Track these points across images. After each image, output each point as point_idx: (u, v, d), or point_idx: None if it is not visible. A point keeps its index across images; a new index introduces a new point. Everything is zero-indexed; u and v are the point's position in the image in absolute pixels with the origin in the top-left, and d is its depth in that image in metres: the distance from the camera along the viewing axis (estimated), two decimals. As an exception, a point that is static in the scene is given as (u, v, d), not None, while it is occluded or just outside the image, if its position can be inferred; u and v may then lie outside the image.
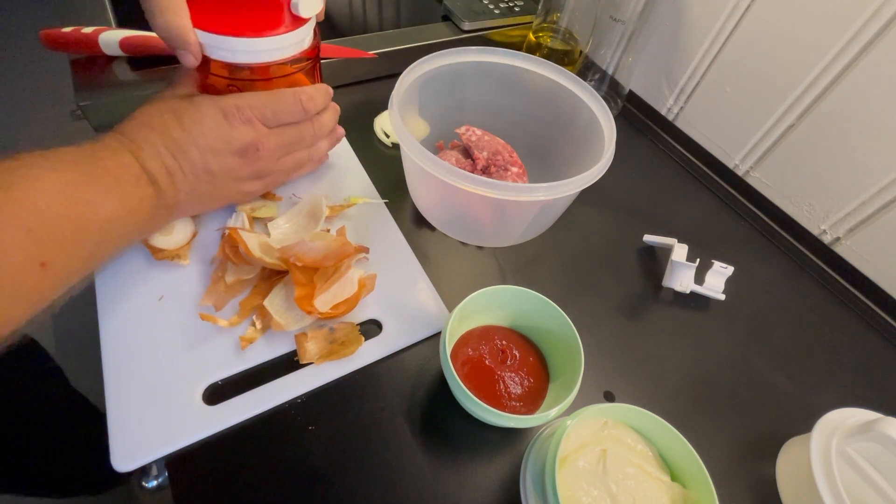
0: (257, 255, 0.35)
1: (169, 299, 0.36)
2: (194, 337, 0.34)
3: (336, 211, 0.42)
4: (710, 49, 0.53)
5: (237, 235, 0.35)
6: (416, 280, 0.40)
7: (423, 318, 0.38)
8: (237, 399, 0.32)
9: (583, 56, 0.62)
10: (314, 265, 0.35)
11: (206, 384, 0.33)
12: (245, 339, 0.34)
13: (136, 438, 0.30)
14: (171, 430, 0.30)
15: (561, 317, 0.33)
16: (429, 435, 0.33)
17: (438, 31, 0.62)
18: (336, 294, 0.36)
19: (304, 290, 0.34)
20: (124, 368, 0.32)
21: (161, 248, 0.36)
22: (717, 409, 0.38)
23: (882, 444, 0.29)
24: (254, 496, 0.29)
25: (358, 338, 0.35)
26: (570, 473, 0.27)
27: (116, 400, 0.31)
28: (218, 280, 0.36)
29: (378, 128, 0.52)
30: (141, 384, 0.32)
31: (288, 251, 0.34)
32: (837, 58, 0.44)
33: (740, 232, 0.52)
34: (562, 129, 0.45)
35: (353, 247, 0.36)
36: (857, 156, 0.45)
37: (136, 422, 0.30)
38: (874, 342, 0.45)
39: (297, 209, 0.42)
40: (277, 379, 0.33)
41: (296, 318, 0.35)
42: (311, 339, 0.35)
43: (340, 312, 0.36)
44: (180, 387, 0.32)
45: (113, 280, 0.36)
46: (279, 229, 0.40)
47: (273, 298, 0.35)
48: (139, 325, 0.34)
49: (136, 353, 0.33)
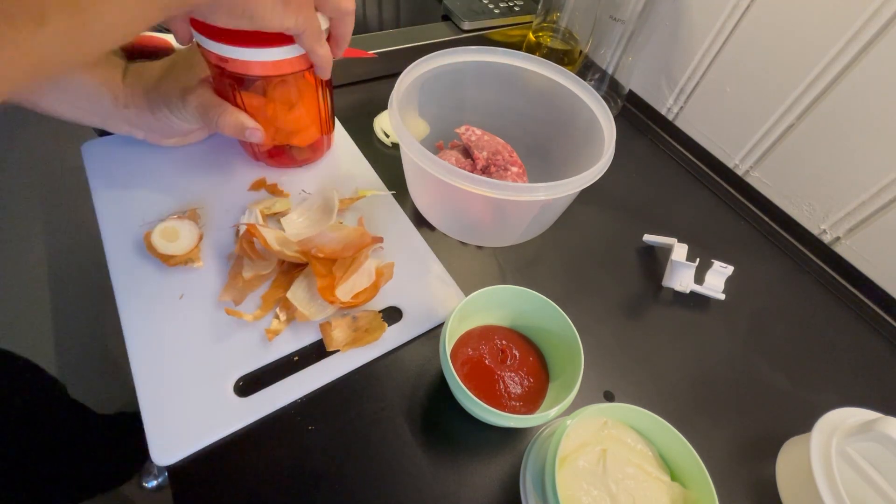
0: (276, 248, 0.36)
1: (189, 298, 0.36)
2: (220, 332, 0.35)
3: (346, 204, 0.43)
4: (709, 49, 0.53)
5: (256, 231, 0.35)
6: (430, 266, 0.42)
7: (441, 302, 0.39)
8: (269, 389, 0.33)
9: (583, 56, 0.62)
10: (333, 256, 0.36)
11: (237, 377, 0.33)
12: (271, 332, 0.35)
13: (173, 433, 0.30)
14: (207, 422, 0.31)
15: (561, 317, 0.33)
16: (429, 435, 0.33)
17: (438, 31, 0.62)
18: (356, 283, 0.37)
19: (326, 281, 0.35)
20: (154, 367, 0.33)
21: (171, 255, 0.37)
22: (717, 409, 0.38)
23: (882, 444, 0.29)
24: (254, 496, 0.29)
25: (381, 324, 0.36)
26: (570, 473, 0.27)
27: (149, 398, 0.31)
28: (236, 276, 0.37)
29: (378, 127, 0.52)
30: (172, 381, 0.32)
31: (308, 243, 0.36)
32: (837, 58, 0.44)
33: (740, 232, 0.52)
34: (562, 129, 0.45)
35: (371, 236, 0.37)
36: (857, 156, 0.45)
37: (172, 417, 0.31)
38: (874, 342, 0.45)
39: (309, 204, 0.42)
40: (307, 368, 0.34)
41: (319, 308, 0.36)
42: (336, 328, 0.35)
43: (361, 301, 0.37)
44: (211, 381, 0.33)
45: (132, 285, 0.36)
46: (293, 224, 0.41)
47: (296, 290, 0.36)
48: (164, 324, 0.35)
49: (164, 351, 0.34)
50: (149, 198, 0.41)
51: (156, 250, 0.36)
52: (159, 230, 0.37)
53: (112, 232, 0.38)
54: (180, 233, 0.38)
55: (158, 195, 0.41)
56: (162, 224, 0.38)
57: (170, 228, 0.38)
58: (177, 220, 0.38)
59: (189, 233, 0.38)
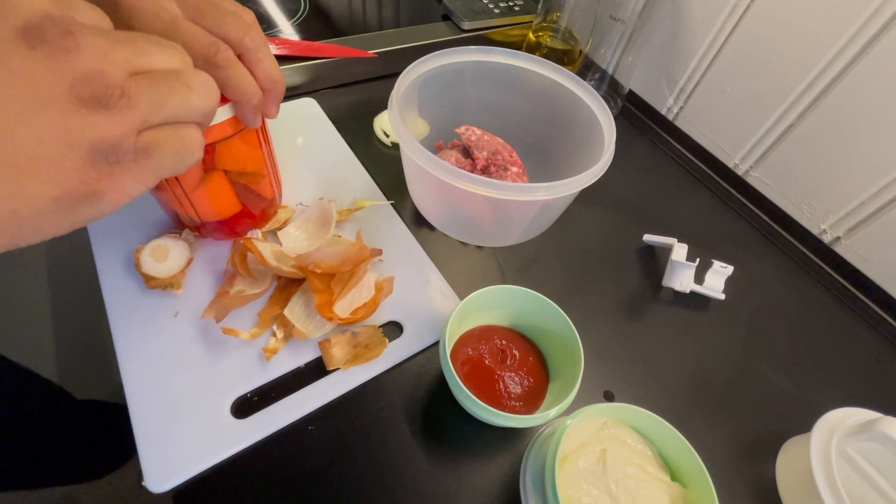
0: (273, 264, 0.35)
1: (184, 315, 0.35)
2: (216, 351, 0.34)
3: (344, 215, 0.42)
4: (710, 49, 0.53)
5: (251, 245, 0.34)
6: (431, 279, 0.41)
7: (442, 317, 0.38)
8: (267, 410, 0.32)
9: (583, 55, 0.62)
10: (332, 271, 0.35)
11: (233, 398, 0.32)
12: (268, 350, 0.34)
13: (169, 458, 0.29)
14: (204, 446, 0.30)
15: (561, 316, 0.33)
16: (429, 435, 0.33)
17: (438, 31, 0.62)
18: (354, 299, 0.36)
19: (324, 297, 0.34)
20: (148, 388, 0.32)
21: (153, 276, 0.35)
22: (718, 409, 0.38)
23: (882, 444, 0.29)
24: (253, 496, 0.29)
25: (382, 340, 0.35)
26: (570, 473, 0.27)
27: (143, 421, 0.30)
28: (223, 294, 0.35)
29: (378, 127, 0.52)
30: (167, 403, 0.31)
31: (306, 258, 0.34)
32: (838, 57, 0.44)
33: (740, 231, 0.52)
34: (562, 129, 0.45)
35: (370, 250, 0.36)
36: (857, 155, 0.45)
37: (166, 442, 0.30)
38: (874, 342, 0.45)
39: (306, 216, 0.41)
40: (306, 386, 0.33)
41: (317, 325, 0.35)
42: (335, 345, 0.34)
43: (361, 317, 0.35)
44: (207, 403, 0.31)
45: (125, 301, 0.35)
46: (290, 237, 0.40)
47: (293, 307, 0.35)
48: (158, 343, 0.34)
49: (158, 372, 0.32)
50: (147, 213, 0.39)
51: (140, 268, 0.35)
52: (151, 247, 0.36)
53: (104, 245, 0.37)
54: (170, 254, 0.36)
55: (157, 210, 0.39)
56: (156, 241, 0.36)
57: (161, 247, 0.36)
58: (170, 239, 0.36)
59: (178, 255, 0.36)
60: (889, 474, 0.31)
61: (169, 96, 0.20)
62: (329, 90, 0.56)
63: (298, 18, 0.62)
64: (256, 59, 0.27)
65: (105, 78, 0.18)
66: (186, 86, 0.20)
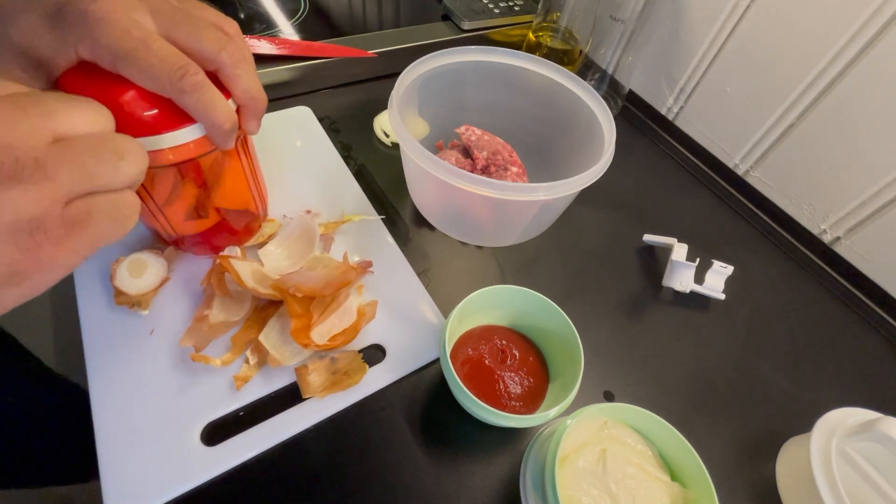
0: (251, 285, 0.33)
1: (159, 334, 0.34)
2: (186, 375, 0.32)
3: (331, 228, 0.40)
4: (710, 49, 0.53)
5: (228, 264, 0.32)
6: (418, 300, 0.39)
7: (428, 341, 0.37)
8: (239, 437, 0.30)
9: (583, 55, 0.62)
10: (313, 294, 0.33)
11: (203, 424, 0.31)
12: (239, 379, 0.32)
13: (133, 487, 0.28)
14: (171, 475, 0.29)
15: (561, 316, 0.33)
16: (429, 435, 0.33)
17: (438, 31, 0.62)
18: (334, 325, 0.34)
19: (301, 322, 0.32)
20: (114, 410, 0.30)
21: (123, 292, 0.33)
22: (717, 409, 0.38)
23: (882, 444, 0.29)
24: (253, 496, 0.29)
25: (361, 366, 0.34)
26: (570, 473, 0.27)
27: (108, 443, 0.29)
28: (202, 318, 0.33)
29: (378, 127, 0.52)
30: (132, 426, 0.30)
31: (287, 281, 0.32)
32: (838, 57, 0.44)
33: (740, 232, 0.52)
34: (562, 129, 0.45)
35: (356, 272, 0.34)
36: (857, 155, 0.45)
37: (133, 468, 0.28)
38: (874, 342, 0.45)
39: (288, 233, 0.39)
40: (281, 413, 0.32)
41: (293, 351, 0.33)
42: (312, 372, 0.33)
43: (339, 344, 0.33)
44: (176, 429, 0.30)
45: (97, 315, 0.34)
46: (270, 255, 0.37)
47: (269, 332, 0.33)
48: (128, 363, 0.32)
49: (124, 391, 0.31)
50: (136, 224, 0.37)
51: (113, 281, 0.33)
52: (130, 260, 0.34)
53: None
54: (147, 270, 0.34)
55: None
56: (136, 254, 0.35)
57: (140, 262, 0.34)
58: (151, 255, 0.35)
59: (154, 274, 0.34)
60: (889, 474, 0.31)
61: (97, 166, 0.19)
62: (329, 90, 0.56)
63: (298, 18, 0.62)
64: (234, 76, 0.26)
65: (11, 151, 0.16)
66: (116, 154, 0.19)
